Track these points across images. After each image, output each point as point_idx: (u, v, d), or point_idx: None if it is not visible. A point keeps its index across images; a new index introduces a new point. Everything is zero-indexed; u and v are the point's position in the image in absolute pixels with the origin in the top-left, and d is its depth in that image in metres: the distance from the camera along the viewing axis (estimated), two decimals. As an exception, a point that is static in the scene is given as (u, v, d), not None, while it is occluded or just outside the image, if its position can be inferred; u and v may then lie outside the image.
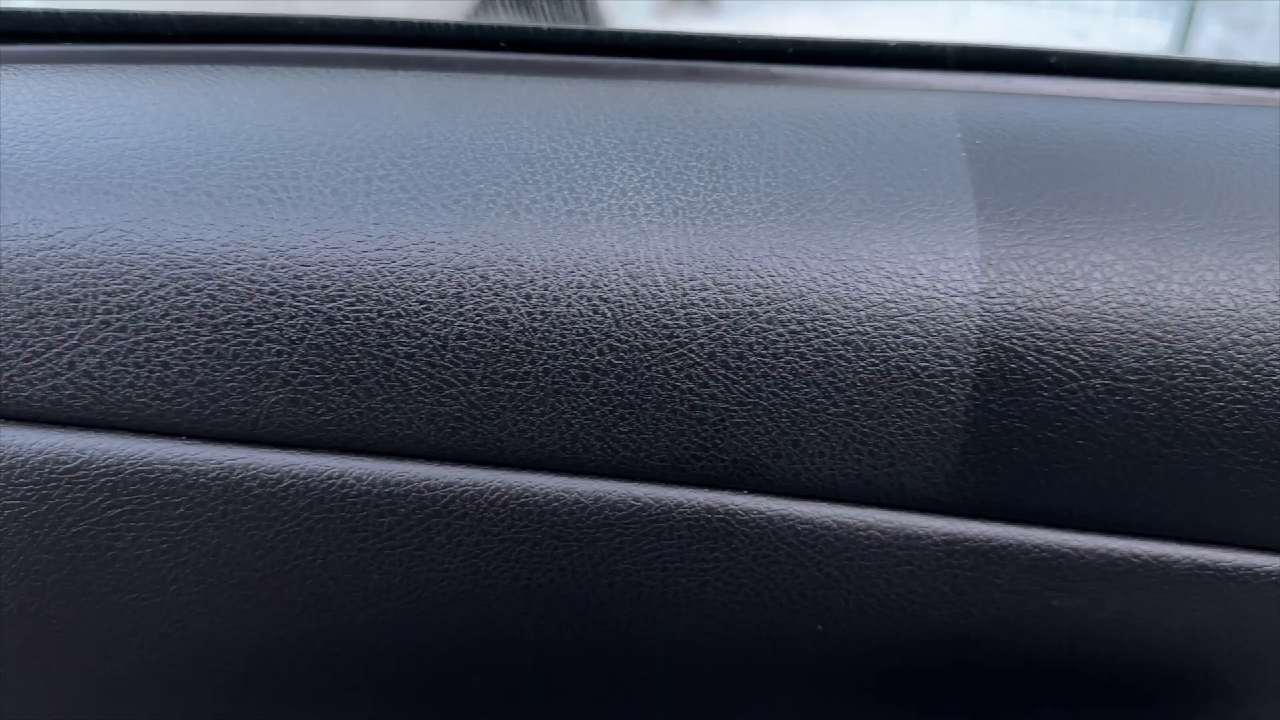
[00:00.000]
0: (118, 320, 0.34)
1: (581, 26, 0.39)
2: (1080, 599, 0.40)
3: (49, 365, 0.35)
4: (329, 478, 0.36)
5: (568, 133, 0.36)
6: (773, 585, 0.39)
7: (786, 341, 0.35)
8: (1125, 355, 0.35)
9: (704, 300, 0.34)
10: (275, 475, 0.36)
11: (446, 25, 0.39)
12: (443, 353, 0.34)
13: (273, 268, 0.34)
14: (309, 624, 0.40)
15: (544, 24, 0.42)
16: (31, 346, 0.34)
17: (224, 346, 0.34)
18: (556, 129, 0.36)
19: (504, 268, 0.34)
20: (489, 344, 0.34)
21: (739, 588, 0.39)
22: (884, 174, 0.36)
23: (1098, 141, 0.37)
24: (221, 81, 0.37)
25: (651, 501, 0.37)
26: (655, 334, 0.35)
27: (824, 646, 0.41)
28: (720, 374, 0.35)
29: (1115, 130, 0.38)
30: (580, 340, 0.34)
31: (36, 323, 0.34)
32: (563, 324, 0.34)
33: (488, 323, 0.34)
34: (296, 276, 0.34)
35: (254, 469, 0.36)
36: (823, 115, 0.38)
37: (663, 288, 0.34)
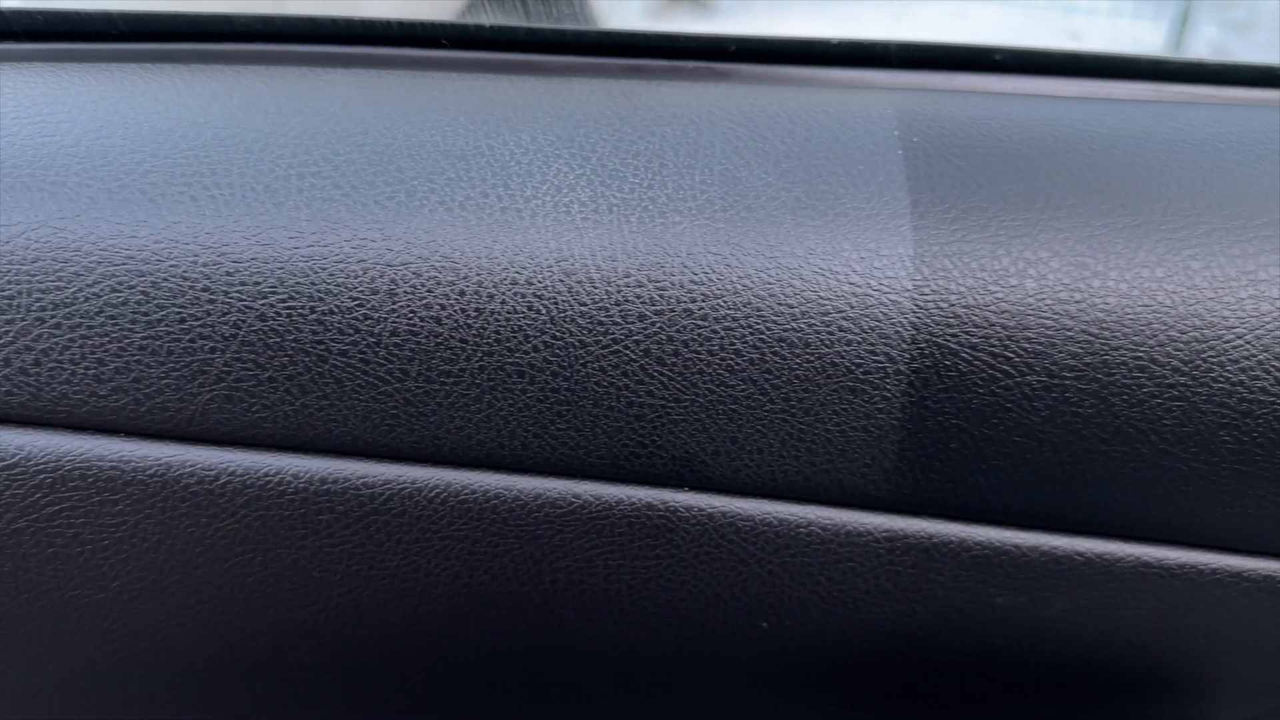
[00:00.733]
0: (52, 317, 0.34)
1: (524, 24, 0.39)
2: (1025, 596, 0.40)
3: None
4: (266, 475, 0.36)
5: (505, 130, 0.36)
6: (716, 582, 0.39)
7: (721, 339, 0.35)
8: (1061, 352, 0.35)
9: (638, 297, 0.34)
10: (213, 472, 0.36)
11: (389, 23, 0.39)
12: (376, 349, 0.34)
13: (205, 264, 0.34)
14: (252, 621, 0.40)
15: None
16: (-34, 343, 0.34)
17: (158, 343, 0.34)
18: (494, 126, 0.36)
19: (437, 264, 0.34)
20: (423, 340, 0.34)
21: (682, 585, 0.39)
22: (820, 172, 0.36)
23: (1037, 139, 0.37)
24: (161, 80, 0.37)
25: (592, 499, 0.37)
26: (590, 331, 0.35)
27: (770, 644, 0.41)
28: (656, 371, 0.35)
29: (1056, 127, 0.38)
30: (515, 337, 0.34)
31: None
32: (497, 321, 0.34)
33: (421, 319, 0.34)
34: (228, 273, 0.34)
35: (191, 466, 0.36)
36: (762, 113, 0.38)
37: (597, 284, 0.34)
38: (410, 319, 0.34)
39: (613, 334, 0.35)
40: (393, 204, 0.34)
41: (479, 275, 0.34)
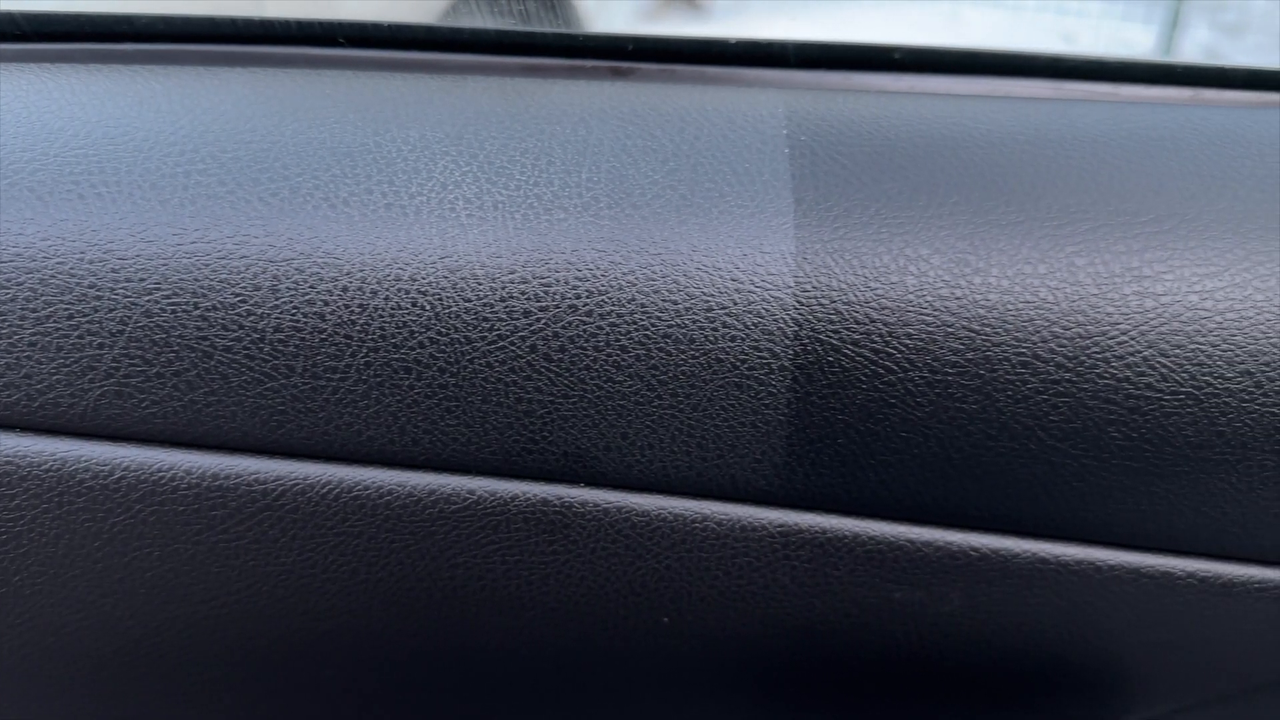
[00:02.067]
0: None
1: (424, 24, 0.39)
2: (921, 592, 0.40)
3: None
4: (159, 470, 0.37)
5: (393, 127, 0.36)
6: (614, 577, 0.40)
7: (607, 335, 0.35)
8: (942, 348, 0.35)
9: (523, 293, 0.35)
10: (106, 467, 0.37)
11: (287, 23, 0.39)
12: (260, 345, 0.35)
13: (90, 262, 0.34)
14: (155, 615, 0.40)
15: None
16: None
17: (47, 339, 0.35)
18: (382, 123, 0.36)
19: (320, 260, 0.34)
20: (306, 336, 0.34)
21: (581, 580, 0.40)
22: (706, 169, 0.36)
23: (925, 137, 0.37)
24: (57, 80, 0.38)
25: (486, 494, 0.38)
26: (475, 327, 0.35)
27: (672, 639, 0.42)
28: (543, 366, 0.35)
29: (946, 125, 0.38)
30: (399, 333, 0.35)
31: None
32: (381, 317, 0.34)
33: (304, 315, 0.34)
34: (114, 270, 0.34)
35: (85, 461, 0.37)
36: (654, 111, 0.38)
37: (481, 281, 0.35)
38: (293, 315, 0.34)
39: (498, 330, 0.35)
40: (276, 201, 0.34)
41: (362, 271, 0.34)
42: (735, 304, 0.35)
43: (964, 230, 0.35)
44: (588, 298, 0.35)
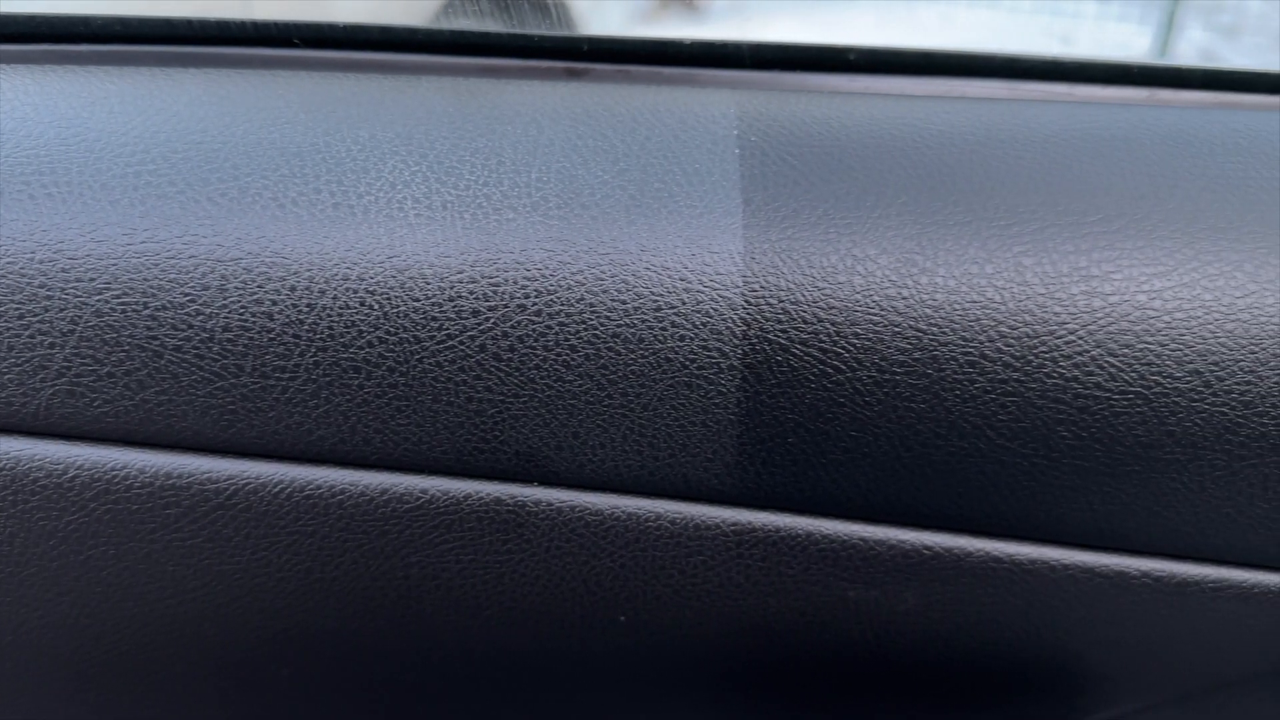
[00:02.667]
0: None
1: (379, 25, 0.39)
2: (876, 591, 0.40)
3: None
4: (112, 469, 0.37)
5: (343, 127, 0.36)
6: (570, 576, 0.40)
7: (556, 334, 0.35)
8: (890, 347, 0.35)
9: (471, 293, 0.35)
10: (60, 466, 0.37)
11: (243, 24, 0.39)
12: (209, 345, 0.35)
13: (41, 261, 0.34)
14: (112, 614, 0.40)
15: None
16: None
17: None
18: (333, 123, 0.36)
19: (267, 260, 0.34)
20: (255, 336, 0.35)
21: (536, 579, 0.40)
22: (655, 170, 0.36)
23: (876, 137, 0.37)
24: (10, 80, 0.38)
25: (439, 494, 0.38)
26: (423, 326, 0.35)
27: (629, 638, 0.42)
28: (493, 366, 0.35)
29: (897, 126, 0.38)
30: (348, 333, 0.35)
31: None
32: (329, 316, 0.35)
33: (252, 315, 0.34)
34: (64, 270, 0.34)
35: (39, 460, 0.37)
36: (606, 112, 0.38)
37: (429, 280, 0.35)
38: (241, 314, 0.34)
39: (446, 329, 0.35)
40: (225, 201, 0.34)
41: (310, 271, 0.34)
42: (684, 303, 0.35)
43: (911, 230, 0.35)
44: (536, 297, 0.35)
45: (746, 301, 0.35)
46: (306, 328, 0.35)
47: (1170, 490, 0.37)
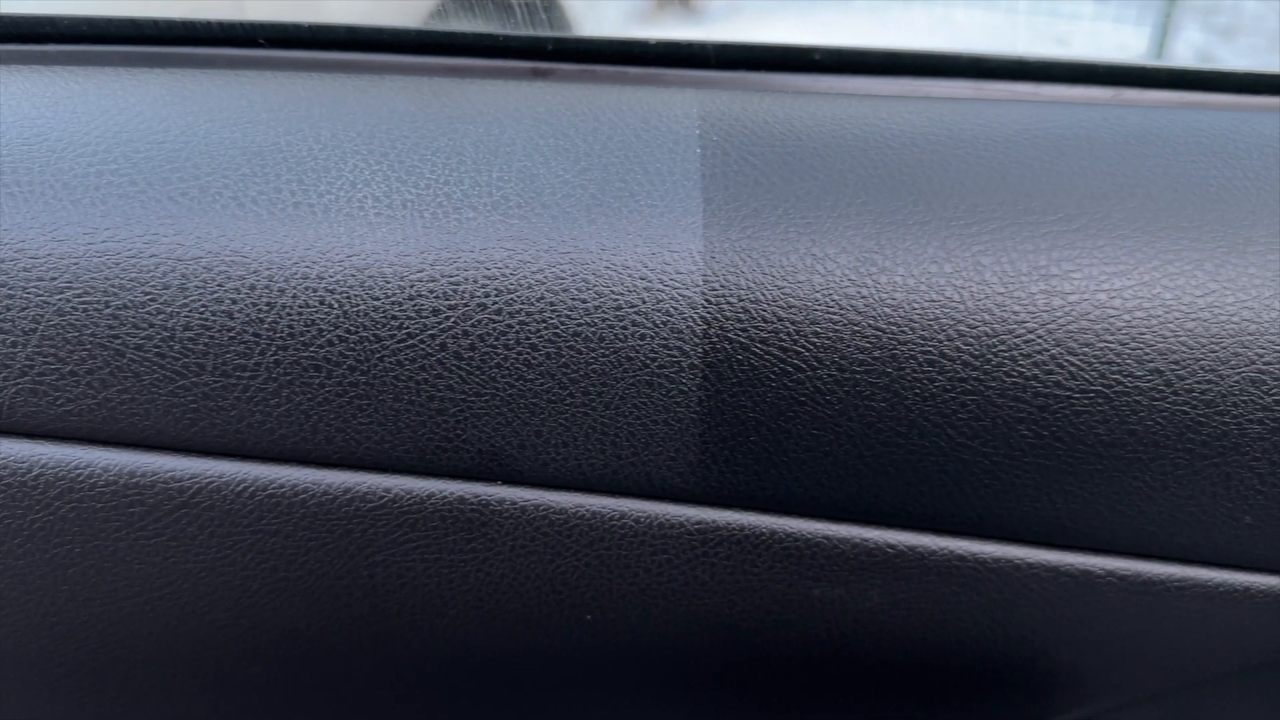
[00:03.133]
0: None
1: (345, 25, 0.40)
2: (841, 589, 0.40)
3: None
4: (76, 468, 0.37)
5: (305, 126, 0.36)
6: (535, 575, 0.40)
7: (517, 333, 0.35)
8: (849, 346, 0.35)
9: (431, 292, 0.35)
10: (25, 465, 0.37)
11: (209, 24, 0.39)
12: (170, 343, 0.35)
13: (2, 260, 0.34)
14: (78, 613, 0.40)
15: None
16: None
17: None
18: (294, 123, 0.37)
19: (227, 259, 0.34)
20: (215, 335, 0.35)
21: (502, 578, 0.40)
22: (616, 169, 0.36)
23: (838, 137, 0.38)
24: (-23, 79, 0.38)
25: (402, 493, 0.38)
26: (384, 325, 0.35)
27: (596, 637, 0.42)
28: (454, 365, 0.36)
29: (860, 126, 0.38)
30: (308, 331, 0.35)
31: None
32: (289, 315, 0.35)
33: (213, 314, 0.34)
34: (25, 269, 0.34)
35: (4, 458, 0.37)
36: (569, 111, 0.38)
37: (389, 279, 0.35)
38: (201, 313, 0.34)
39: (407, 328, 0.35)
40: (186, 200, 0.35)
41: (269, 270, 0.34)
42: (644, 302, 0.35)
43: (871, 230, 0.35)
44: (496, 296, 0.35)
45: (706, 300, 0.35)
46: (266, 326, 0.35)
47: (1133, 489, 0.37)
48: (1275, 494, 0.37)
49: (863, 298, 0.35)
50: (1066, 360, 0.35)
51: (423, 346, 0.35)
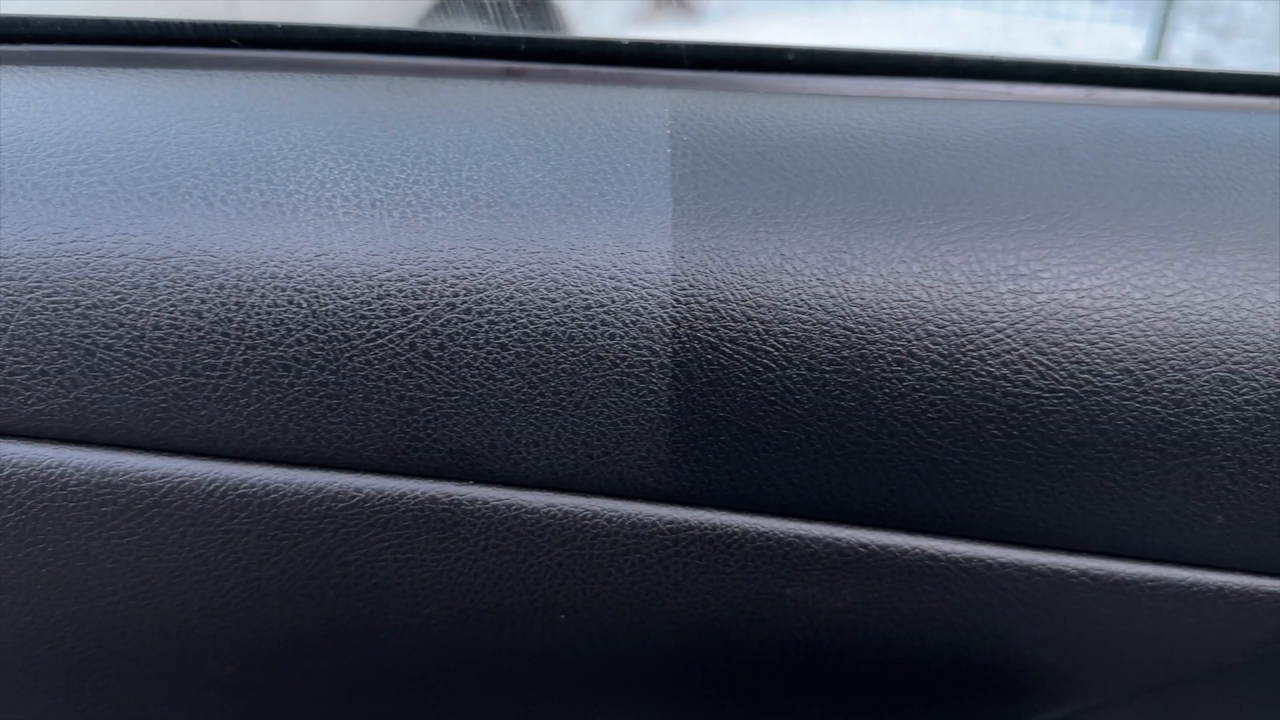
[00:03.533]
0: None
1: (318, 25, 0.40)
2: (814, 588, 0.40)
3: None
4: (48, 467, 0.37)
5: (275, 126, 0.36)
6: (508, 575, 0.40)
7: (486, 332, 0.35)
8: (819, 346, 0.35)
9: (400, 291, 0.35)
10: None
11: (181, 24, 0.39)
12: (140, 343, 0.35)
13: None
14: (51, 612, 0.40)
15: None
16: None
17: None
18: (265, 122, 0.37)
19: (196, 259, 0.34)
20: (185, 334, 0.35)
21: (474, 578, 0.40)
22: (586, 168, 0.36)
23: (808, 137, 0.38)
24: (-52, 79, 0.38)
25: (374, 492, 0.38)
26: (353, 324, 0.35)
27: (570, 636, 0.42)
28: (423, 364, 0.36)
29: (830, 126, 0.38)
30: (276, 330, 0.35)
31: None
32: (258, 314, 0.35)
33: (182, 313, 0.35)
34: None
35: None
36: (540, 111, 0.38)
37: (357, 279, 0.35)
38: (171, 313, 0.34)
39: (376, 328, 0.35)
40: (155, 200, 0.35)
41: (238, 269, 0.34)
42: (613, 302, 0.35)
43: (840, 229, 0.35)
44: (465, 295, 0.35)
45: (676, 300, 0.35)
46: (235, 326, 0.35)
47: (1104, 489, 0.37)
48: (1246, 494, 0.37)
49: (831, 297, 0.35)
50: (1035, 360, 0.35)
51: (392, 346, 0.35)
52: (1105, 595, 0.40)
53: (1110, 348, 0.35)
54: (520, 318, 0.35)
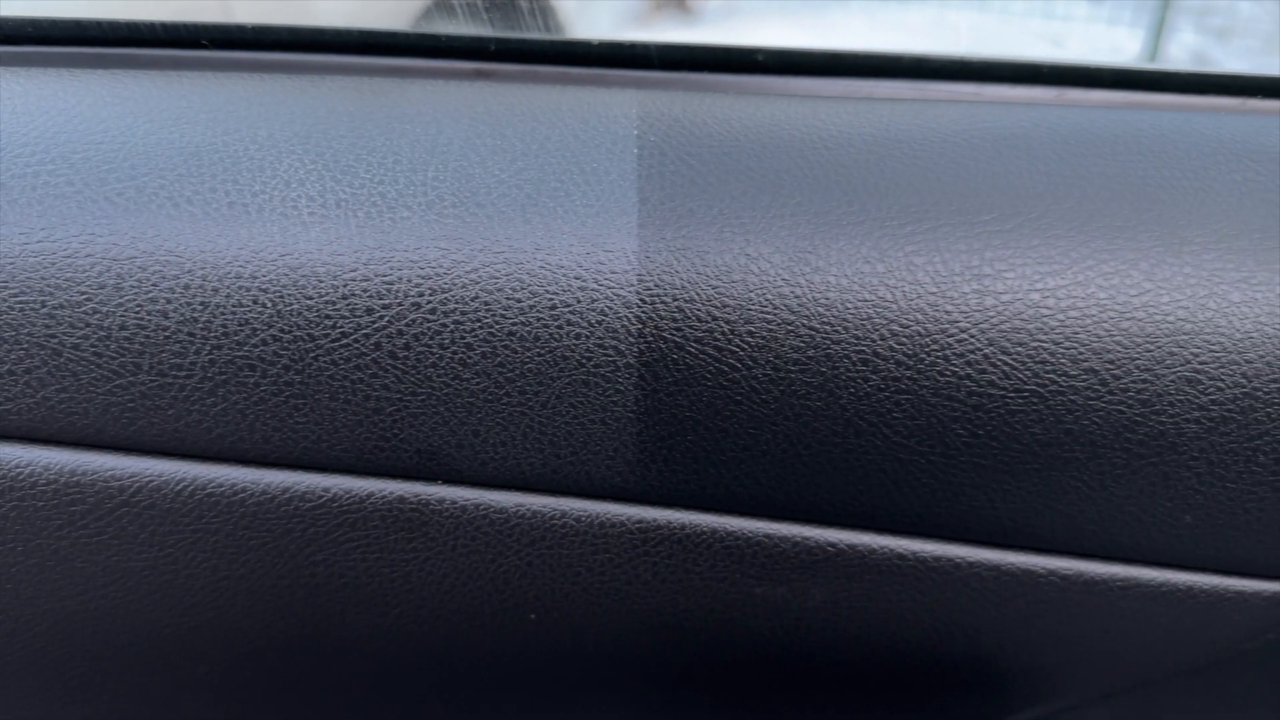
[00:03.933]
0: None
1: (288, 25, 0.40)
2: (783, 588, 0.40)
3: None
4: (17, 466, 0.37)
5: (242, 126, 0.37)
6: (477, 575, 0.40)
7: (451, 332, 0.35)
8: (784, 345, 0.35)
9: (365, 291, 0.35)
10: None
11: (152, 25, 0.39)
12: (107, 343, 0.35)
13: None
14: (22, 611, 0.40)
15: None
16: None
17: None
18: (232, 123, 0.37)
19: (162, 259, 0.35)
20: (151, 334, 0.35)
21: (444, 577, 0.40)
22: (553, 168, 0.36)
23: (775, 138, 0.38)
24: (-81, 80, 0.38)
25: (341, 492, 0.38)
26: (318, 324, 0.35)
27: (541, 636, 0.42)
28: (389, 364, 0.36)
29: (797, 126, 0.38)
30: (241, 330, 0.35)
31: None
32: (223, 314, 0.35)
33: (148, 313, 0.35)
34: None
35: None
36: (507, 111, 0.38)
37: (322, 279, 0.35)
38: (137, 313, 0.35)
39: (341, 327, 0.35)
40: (121, 200, 0.35)
41: (203, 269, 0.35)
42: (579, 302, 0.35)
43: (805, 230, 0.35)
44: (431, 295, 0.35)
45: (641, 300, 0.35)
46: (201, 326, 0.35)
47: (1071, 489, 0.37)
48: (1214, 494, 0.37)
49: (796, 297, 0.35)
50: (1000, 360, 0.35)
51: (357, 346, 0.35)
52: (1075, 595, 0.40)
53: (1075, 348, 0.35)
54: (486, 318, 0.35)
